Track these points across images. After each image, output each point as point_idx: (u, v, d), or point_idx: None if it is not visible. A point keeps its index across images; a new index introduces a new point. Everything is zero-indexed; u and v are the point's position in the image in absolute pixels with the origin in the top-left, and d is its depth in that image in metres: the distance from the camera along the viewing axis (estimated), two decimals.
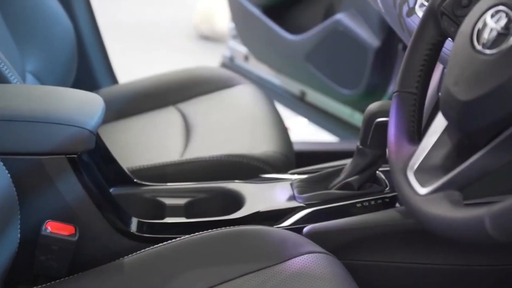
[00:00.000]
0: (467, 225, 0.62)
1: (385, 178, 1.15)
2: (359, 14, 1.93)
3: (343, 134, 2.20)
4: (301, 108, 2.31)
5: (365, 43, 1.89)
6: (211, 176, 1.23)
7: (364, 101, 2.02)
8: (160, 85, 1.61)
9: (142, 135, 1.47)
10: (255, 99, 1.54)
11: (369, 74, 1.93)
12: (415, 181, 0.74)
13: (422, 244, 1.06)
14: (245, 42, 2.42)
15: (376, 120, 1.08)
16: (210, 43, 3.78)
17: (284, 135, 1.42)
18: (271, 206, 1.11)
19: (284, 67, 2.29)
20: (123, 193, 1.15)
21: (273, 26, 2.19)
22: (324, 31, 2.01)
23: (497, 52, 0.66)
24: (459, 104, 0.69)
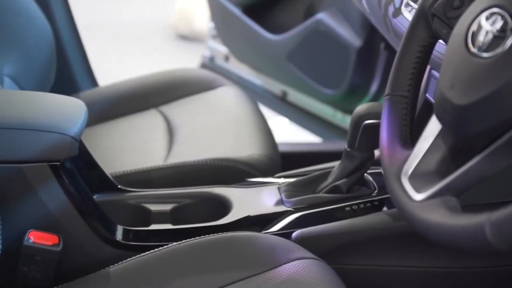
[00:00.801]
0: (467, 232, 0.61)
1: (373, 180, 1.13)
2: (340, 13, 1.92)
3: (326, 134, 2.19)
4: (283, 108, 2.30)
5: (347, 43, 1.88)
6: (196, 181, 1.21)
7: (346, 101, 2.02)
8: (141, 87, 1.59)
9: (124, 139, 1.44)
10: (239, 101, 1.52)
11: (351, 73, 1.92)
12: (409, 187, 0.73)
13: (412, 247, 1.05)
14: (225, 42, 2.40)
15: (364, 122, 1.07)
16: (188, 42, 3.75)
17: (269, 138, 1.41)
18: (258, 211, 1.09)
19: (265, 67, 2.27)
20: (107, 199, 1.13)
21: (254, 26, 2.17)
22: (306, 31, 2.00)
23: (493, 56, 0.65)
24: (455, 108, 0.68)
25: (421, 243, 1.04)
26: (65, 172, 0.98)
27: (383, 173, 0.78)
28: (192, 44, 3.72)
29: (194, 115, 1.49)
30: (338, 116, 2.14)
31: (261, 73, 2.34)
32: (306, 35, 2.00)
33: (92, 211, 1.03)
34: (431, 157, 0.74)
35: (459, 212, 0.65)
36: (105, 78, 1.85)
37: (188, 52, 3.62)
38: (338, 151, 1.83)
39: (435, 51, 0.89)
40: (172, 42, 3.80)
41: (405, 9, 1.15)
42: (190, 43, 3.74)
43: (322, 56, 2.00)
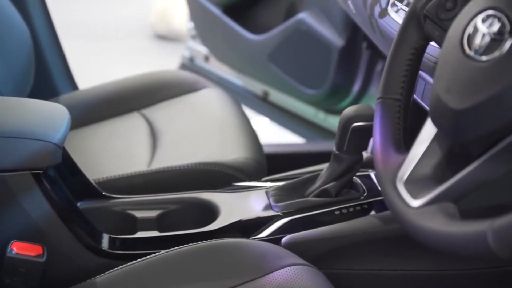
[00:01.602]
0: (468, 240, 0.60)
1: (362, 183, 1.12)
2: (322, 13, 1.91)
3: (308, 134, 2.18)
4: (264, 108, 2.29)
5: (329, 42, 1.87)
6: (182, 186, 1.19)
7: (328, 101, 2.01)
8: (123, 90, 1.56)
9: (107, 144, 1.41)
10: (222, 103, 1.50)
11: (333, 73, 1.91)
12: (406, 193, 0.71)
13: (403, 250, 1.04)
14: (205, 43, 2.38)
15: (352, 124, 1.05)
16: (167, 42, 3.72)
17: (254, 140, 1.39)
18: (247, 216, 1.07)
19: (246, 67, 2.25)
20: (91, 207, 1.10)
21: (234, 26, 2.15)
22: (287, 31, 1.98)
23: (491, 59, 0.64)
24: (452, 112, 0.67)
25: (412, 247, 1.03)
26: (48, 180, 0.96)
27: (377, 178, 0.77)
28: (170, 44, 3.69)
29: (177, 118, 1.46)
30: (320, 116, 2.13)
31: (242, 74, 2.32)
32: (287, 35, 1.99)
33: (77, 220, 1.00)
34: (426, 162, 0.72)
35: (459, 219, 0.64)
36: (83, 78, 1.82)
37: (167, 52, 3.59)
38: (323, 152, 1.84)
39: (426, 53, 0.87)
40: (151, 42, 3.77)
41: (391, 9, 1.14)
42: (169, 43, 3.70)
43: (303, 56, 1.99)
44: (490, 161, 0.64)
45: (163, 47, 3.68)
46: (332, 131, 2.09)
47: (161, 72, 1.62)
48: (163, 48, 3.67)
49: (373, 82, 1.97)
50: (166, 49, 3.63)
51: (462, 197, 0.67)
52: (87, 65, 3.13)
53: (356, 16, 1.32)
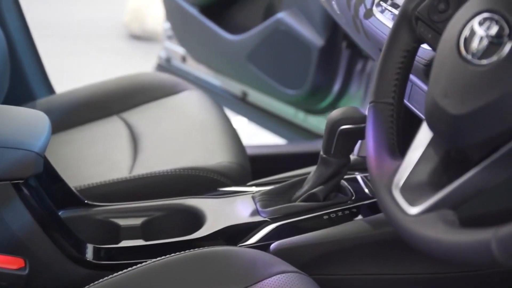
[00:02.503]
0: (471, 249, 0.58)
1: (350, 186, 1.11)
2: (301, 12, 1.90)
3: (288, 134, 2.17)
4: (243, 108, 2.26)
5: (309, 42, 1.86)
6: (166, 192, 1.16)
7: (308, 101, 2.00)
8: (101, 93, 1.52)
9: (86, 149, 1.37)
10: (204, 106, 1.48)
11: (313, 73, 1.90)
12: (402, 200, 0.70)
13: (393, 254, 1.03)
14: (182, 43, 2.35)
15: (340, 127, 1.04)
16: (141, 42, 3.68)
17: (237, 143, 1.36)
18: (234, 222, 1.05)
19: (224, 67, 2.23)
20: (73, 215, 1.07)
21: (212, 26, 2.13)
22: (266, 31, 1.97)
23: (490, 63, 0.62)
24: (450, 117, 0.65)
25: (402, 250, 1.02)
26: (29, 190, 0.92)
27: (372, 185, 0.75)
28: (145, 44, 3.65)
29: (158, 122, 1.43)
30: (300, 116, 2.12)
31: (220, 74, 2.29)
32: (266, 35, 1.97)
33: (59, 230, 0.97)
34: (422, 168, 0.71)
35: (459, 227, 0.63)
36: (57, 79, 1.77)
37: (142, 52, 3.55)
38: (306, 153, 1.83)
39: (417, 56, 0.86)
40: (125, 42, 3.72)
41: (376, 10, 1.13)
42: (143, 43, 3.66)
43: (283, 56, 1.97)
44: (490, 168, 0.63)
45: (137, 47, 3.64)
46: (312, 131, 2.08)
47: (140, 75, 1.59)
48: (138, 48, 3.62)
49: (353, 82, 1.96)
50: (141, 49, 3.59)
51: (461, 204, 0.65)
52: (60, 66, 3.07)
53: (339, 17, 1.30)
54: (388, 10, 1.10)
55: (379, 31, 1.10)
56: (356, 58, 1.94)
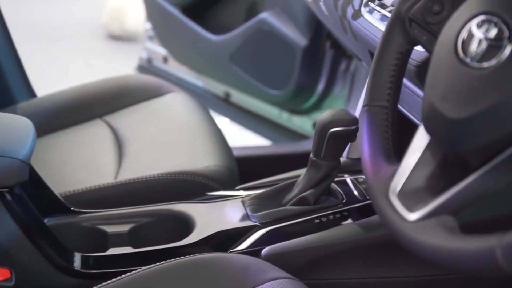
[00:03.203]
0: (476, 257, 0.57)
1: (340, 189, 1.10)
2: (284, 12, 1.88)
3: (272, 135, 2.15)
4: (226, 109, 2.25)
5: (292, 42, 1.85)
6: (153, 197, 1.14)
7: (292, 101, 1.99)
8: (84, 96, 1.50)
9: (70, 153, 1.35)
10: (189, 108, 1.45)
11: (297, 73, 1.89)
12: (400, 206, 0.68)
13: (385, 257, 1.02)
14: (164, 44, 2.33)
15: (330, 130, 1.02)
16: (121, 43, 3.64)
17: (224, 146, 1.34)
18: (224, 227, 1.03)
19: (207, 68, 2.21)
20: (59, 223, 1.05)
21: (194, 26, 2.11)
22: (249, 31, 1.95)
23: (490, 66, 0.61)
24: (449, 122, 0.64)
25: (395, 254, 1.01)
26: (14, 198, 0.90)
27: (368, 190, 0.74)
28: (125, 44, 3.61)
29: (142, 125, 1.41)
30: (284, 116, 2.11)
31: (203, 75, 2.27)
32: (249, 35, 1.95)
33: (46, 239, 0.95)
34: (420, 172, 0.70)
35: (461, 234, 0.61)
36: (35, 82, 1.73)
37: (122, 52, 3.51)
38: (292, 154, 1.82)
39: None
40: (104, 42, 3.68)
41: (365, 10, 1.11)
42: (123, 44, 3.62)
43: (267, 57, 1.96)
44: (491, 173, 0.62)
45: (117, 48, 3.60)
46: (297, 132, 2.07)
47: (124, 77, 1.56)
48: (117, 49, 3.59)
49: (337, 82, 1.96)
50: (121, 50, 3.55)
51: (461, 209, 0.64)
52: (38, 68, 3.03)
53: (327, 18, 1.29)
54: (377, 11, 1.09)
55: (368, 32, 1.09)
56: (340, 58, 1.93)
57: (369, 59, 1.17)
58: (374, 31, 1.07)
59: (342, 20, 1.20)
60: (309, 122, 2.04)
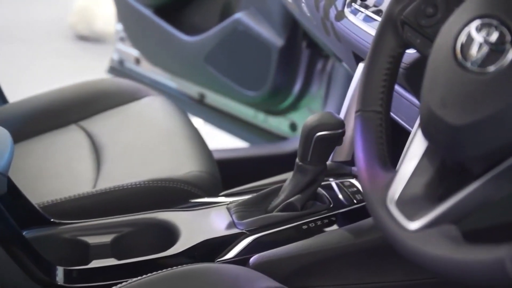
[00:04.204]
0: (484, 268, 0.56)
1: (327, 194, 1.08)
2: (259, 12, 1.86)
3: (248, 136, 2.13)
4: (200, 111, 2.22)
5: (268, 42, 1.83)
6: (135, 206, 1.10)
7: (269, 102, 1.97)
8: (58, 101, 1.45)
9: (45, 161, 1.30)
10: (167, 112, 1.42)
11: (273, 74, 1.87)
12: (399, 214, 0.67)
13: (376, 262, 1.01)
14: (136, 45, 2.29)
15: (316, 134, 1.00)
16: (89, 44, 3.57)
17: (205, 151, 1.31)
18: (210, 236, 1.01)
19: (181, 69, 2.18)
20: (38, 235, 1.01)
21: (167, 27, 2.07)
22: (223, 31, 1.92)
23: (493, 71, 0.60)
24: (450, 128, 0.62)
25: (384, 258, 1.00)
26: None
27: (365, 199, 0.72)
28: (94, 45, 3.55)
29: (120, 130, 1.37)
30: (260, 117, 2.08)
31: (177, 76, 2.24)
32: (224, 35, 1.92)
33: (26, 252, 0.91)
34: (418, 180, 0.68)
35: (466, 244, 0.60)
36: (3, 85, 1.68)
37: (91, 54, 3.45)
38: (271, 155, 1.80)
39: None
40: (72, 43, 3.61)
41: (348, 12, 1.10)
42: (92, 44, 3.56)
43: (242, 57, 1.93)
44: (494, 181, 0.60)
45: (86, 49, 3.54)
46: (273, 133, 2.05)
47: (99, 81, 1.52)
48: (86, 50, 3.52)
49: (314, 81, 1.94)
50: (90, 51, 3.49)
51: (463, 218, 0.63)
52: (4, 72, 2.96)
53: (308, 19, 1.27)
54: (361, 12, 1.07)
55: (352, 33, 1.08)
56: (316, 58, 1.91)
57: (353, 61, 1.16)
58: (358, 32, 1.06)
59: (324, 21, 1.19)
60: (285, 123, 2.02)
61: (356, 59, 1.13)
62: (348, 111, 1.15)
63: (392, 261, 1.01)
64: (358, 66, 1.13)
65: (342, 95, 1.88)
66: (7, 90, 1.57)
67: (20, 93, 1.56)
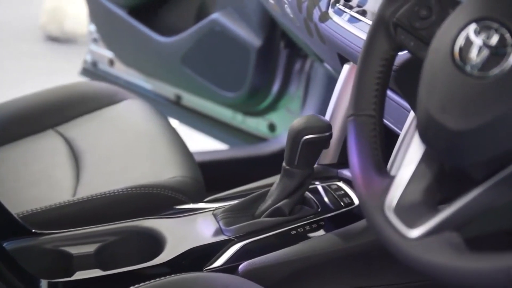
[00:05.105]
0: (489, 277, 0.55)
1: (314, 198, 1.06)
2: (236, 12, 1.84)
3: (226, 137, 2.11)
4: (177, 112, 2.19)
5: (246, 43, 1.81)
6: (118, 214, 1.07)
7: (247, 103, 1.95)
8: (33, 106, 1.41)
9: (21, 168, 1.27)
10: (147, 116, 1.39)
11: (252, 74, 1.85)
12: (398, 222, 0.65)
13: (367, 266, 1.00)
14: (110, 46, 2.25)
15: (303, 137, 0.99)
16: (60, 45, 3.51)
17: (187, 155, 1.29)
18: (197, 243, 0.98)
19: (157, 71, 2.15)
20: (19, 247, 0.97)
21: (142, 28, 2.04)
22: (200, 32, 1.90)
23: (494, 75, 0.59)
24: (451, 134, 0.61)
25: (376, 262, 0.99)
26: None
27: (361, 206, 0.70)
28: (65, 46, 3.49)
29: (99, 135, 1.34)
30: (238, 118, 2.06)
31: (152, 77, 2.21)
32: (200, 36, 1.90)
33: (6, 265, 0.88)
34: (416, 186, 0.67)
35: (469, 252, 0.59)
36: None
37: (62, 55, 3.39)
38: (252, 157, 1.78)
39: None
40: (42, 45, 3.55)
41: (333, 13, 1.08)
42: (63, 46, 3.50)
43: (220, 58, 1.91)
44: (496, 187, 0.59)
45: (56, 50, 3.48)
46: (252, 134, 2.03)
47: (76, 84, 1.49)
48: (57, 51, 3.46)
49: (293, 82, 1.93)
50: (61, 52, 3.43)
51: (465, 224, 0.61)
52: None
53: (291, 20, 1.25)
54: (346, 13, 1.06)
55: (338, 34, 1.06)
56: (295, 58, 1.90)
57: (338, 62, 1.14)
58: (344, 34, 1.04)
59: (307, 22, 1.17)
60: (264, 124, 2.01)
61: (341, 61, 1.12)
62: (333, 114, 1.14)
63: (382, 265, 1.00)
64: (343, 68, 1.12)
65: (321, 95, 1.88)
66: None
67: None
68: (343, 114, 1.13)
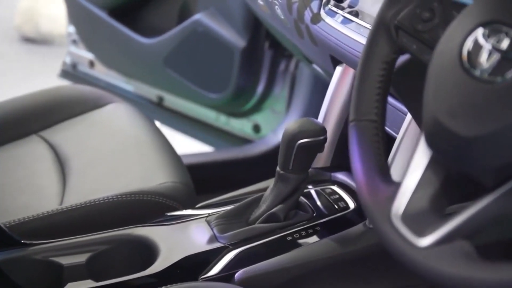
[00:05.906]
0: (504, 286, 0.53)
1: (308, 202, 1.04)
2: (219, 13, 1.82)
3: (210, 139, 2.09)
4: (159, 114, 2.16)
5: (230, 44, 1.78)
6: (108, 222, 1.04)
7: (232, 104, 1.92)
8: (16, 110, 1.38)
9: (5, 176, 1.23)
10: (133, 120, 1.36)
11: (236, 75, 1.83)
12: (406, 230, 0.63)
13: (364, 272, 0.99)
14: (90, 48, 2.21)
15: (298, 141, 0.97)
16: (37, 46, 3.45)
17: (176, 160, 1.26)
18: (191, 251, 0.96)
19: (139, 72, 2.12)
20: (7, 258, 0.94)
21: (123, 29, 2.01)
22: (183, 33, 1.87)
23: (505, 80, 0.57)
24: (461, 140, 0.60)
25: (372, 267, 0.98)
26: None
27: (367, 214, 0.69)
28: (41, 47, 3.43)
29: (85, 140, 1.31)
30: (221, 119, 2.04)
31: (133, 79, 2.17)
32: (183, 37, 1.87)
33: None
34: (423, 193, 0.65)
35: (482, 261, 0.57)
36: None
37: (38, 57, 3.33)
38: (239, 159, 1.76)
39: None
40: (17, 46, 3.48)
41: (325, 14, 1.07)
42: (39, 47, 3.44)
43: (203, 59, 1.89)
44: (509, 195, 0.58)
45: (32, 52, 3.41)
46: (236, 135, 2.01)
47: (59, 88, 1.45)
48: (33, 53, 3.40)
49: (277, 82, 1.91)
50: (37, 54, 3.37)
51: (477, 233, 0.60)
52: None
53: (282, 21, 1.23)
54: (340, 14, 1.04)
55: (330, 36, 1.04)
56: (279, 58, 1.88)
57: (330, 64, 1.13)
58: (337, 35, 1.03)
59: (298, 23, 1.15)
60: (248, 125, 1.99)
61: (333, 62, 1.10)
62: (326, 116, 1.13)
63: (379, 270, 0.99)
64: (336, 70, 1.10)
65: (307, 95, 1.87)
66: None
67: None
68: (336, 116, 1.12)
